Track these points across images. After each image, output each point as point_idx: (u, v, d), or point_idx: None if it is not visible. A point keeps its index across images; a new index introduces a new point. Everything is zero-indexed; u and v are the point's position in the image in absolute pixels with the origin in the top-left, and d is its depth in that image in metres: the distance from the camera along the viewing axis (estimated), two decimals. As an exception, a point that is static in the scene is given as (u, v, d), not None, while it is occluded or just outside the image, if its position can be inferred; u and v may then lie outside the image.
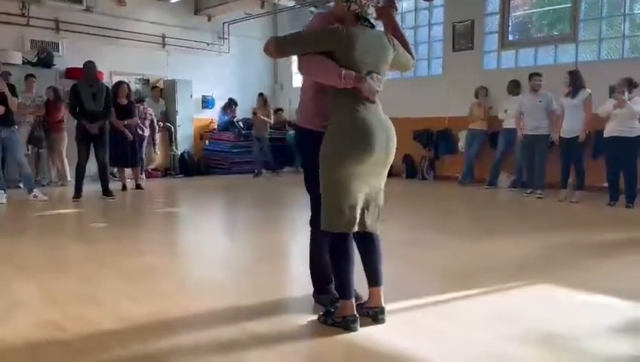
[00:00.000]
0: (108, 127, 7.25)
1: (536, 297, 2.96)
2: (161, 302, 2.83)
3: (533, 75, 7.50)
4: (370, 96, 2.31)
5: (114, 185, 7.43)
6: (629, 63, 7.60)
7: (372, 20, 2.41)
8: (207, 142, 11.37)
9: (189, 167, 10.56)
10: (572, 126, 6.74)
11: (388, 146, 2.40)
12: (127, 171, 8.26)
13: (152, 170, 10.01)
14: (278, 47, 2.38)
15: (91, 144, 6.97)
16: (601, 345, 2.30)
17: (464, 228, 5.28)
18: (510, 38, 8.99)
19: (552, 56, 8.49)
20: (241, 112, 11.66)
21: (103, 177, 7.11)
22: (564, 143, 6.85)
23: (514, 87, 8.39)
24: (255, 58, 12.12)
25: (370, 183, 2.40)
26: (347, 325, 2.36)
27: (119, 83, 8.05)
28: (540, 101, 7.34)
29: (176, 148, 10.62)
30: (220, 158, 10.98)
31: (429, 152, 9.84)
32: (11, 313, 2.67)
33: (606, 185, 6.70)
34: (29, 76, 8.29)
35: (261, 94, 10.66)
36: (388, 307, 2.53)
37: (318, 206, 2.43)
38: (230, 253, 4.26)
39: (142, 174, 9.06)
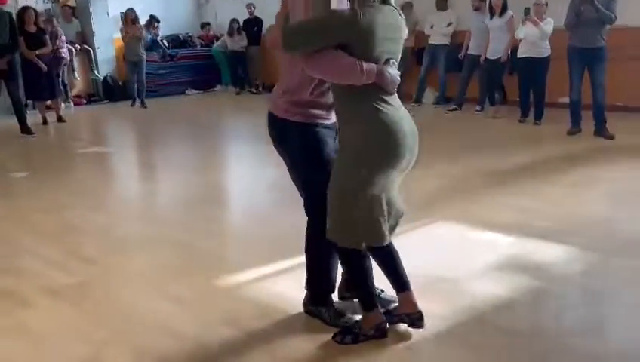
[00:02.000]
0: (18, 59, 6.82)
1: (433, 238, 3.30)
2: (88, 268, 2.96)
3: None
4: (392, 88, 1.99)
5: (33, 119, 7.13)
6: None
7: None
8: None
9: (114, 91, 10.13)
10: (497, 47, 7.04)
11: (414, 147, 2.10)
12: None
13: (75, 96, 9.57)
14: (286, 42, 1.94)
15: (1, 80, 6.58)
16: (480, 288, 2.66)
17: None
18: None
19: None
20: (168, 29, 11.09)
21: (19, 115, 6.79)
22: (490, 64, 7.15)
23: (442, 3, 8.40)
24: (175, -32, 11.39)
25: (390, 189, 2.13)
26: (383, 333, 2.18)
27: (24, 8, 7.43)
28: (484, 22, 7.49)
29: (98, 73, 10.10)
30: (147, 80, 10.59)
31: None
32: None
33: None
34: None
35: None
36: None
37: (318, 207, 2.12)
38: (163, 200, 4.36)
39: (69, 102, 8.75)
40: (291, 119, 2.12)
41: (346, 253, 2.13)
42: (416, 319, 2.18)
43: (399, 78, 2.00)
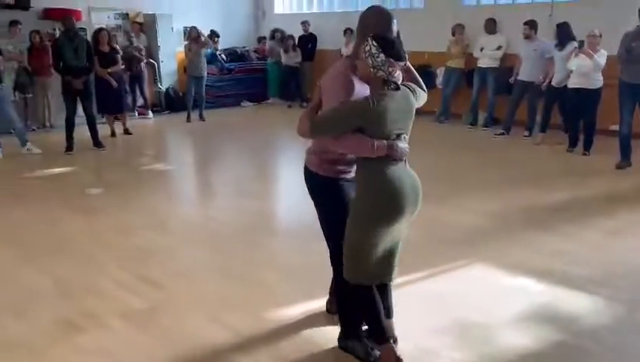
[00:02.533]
0: (92, 78, 7.44)
1: (469, 281, 3.50)
2: (156, 293, 3.36)
3: (524, 24, 7.66)
4: (402, 157, 2.40)
5: (102, 130, 7.73)
6: (604, 5, 7.68)
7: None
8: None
9: (175, 103, 10.74)
10: (562, 76, 7.09)
11: (416, 200, 2.46)
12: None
13: (139, 107, 10.23)
14: (314, 131, 2.39)
15: (77, 98, 7.20)
16: (509, 337, 2.87)
17: (428, 185, 5.69)
18: (491, -28, 8.88)
19: (530, -6, 8.49)
20: (226, 43, 11.62)
21: (93, 130, 7.42)
22: (554, 91, 7.25)
23: (491, 26, 8.51)
24: (236, -16, 11.92)
25: (395, 236, 2.49)
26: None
27: (99, 30, 8.07)
28: (535, 50, 7.56)
29: (161, 85, 10.74)
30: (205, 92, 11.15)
31: (408, 87, 10.04)
32: (29, 305, 3.21)
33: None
34: (13, 23, 8.26)
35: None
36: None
37: (339, 255, 2.53)
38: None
39: (134, 113, 9.47)
40: (321, 173, 2.58)
41: (357, 292, 2.52)
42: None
43: (408, 150, 2.41)
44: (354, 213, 2.43)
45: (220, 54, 11.25)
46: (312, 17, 11.27)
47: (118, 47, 8.45)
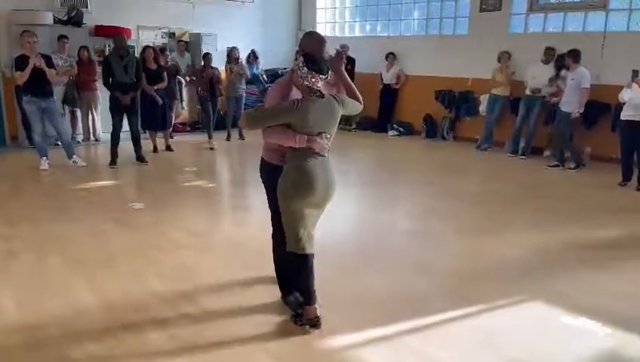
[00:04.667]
0: (138, 95, 7.58)
1: (525, 319, 3.33)
2: (206, 316, 3.31)
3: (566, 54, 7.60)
4: (321, 151, 2.94)
5: (145, 145, 7.83)
6: (615, 36, 7.50)
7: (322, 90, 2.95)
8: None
9: (216, 121, 10.83)
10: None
11: (327, 193, 3.01)
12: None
13: (180, 124, 10.38)
14: (249, 123, 2.96)
15: (124, 113, 7.34)
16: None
17: (470, 216, 5.55)
18: (539, 0, 8.75)
19: (580, 23, 8.31)
20: (268, 63, 11.76)
21: (137, 145, 7.55)
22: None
23: (548, 55, 8.26)
24: (278, 6, 12.11)
25: (312, 215, 3.06)
26: (316, 324, 3.11)
27: (145, 48, 8.25)
28: (572, 79, 7.41)
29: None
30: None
31: (450, 113, 9.95)
32: (74, 319, 3.20)
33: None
34: (61, 37, 8.51)
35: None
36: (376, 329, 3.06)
37: (276, 221, 3.21)
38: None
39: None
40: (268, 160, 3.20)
41: (294, 259, 3.08)
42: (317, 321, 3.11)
43: (328, 146, 2.96)
44: (278, 191, 3.01)
45: (261, 75, 11.37)
46: (352, 41, 11.31)
47: (165, 64, 8.62)
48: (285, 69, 11.95)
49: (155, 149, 8.38)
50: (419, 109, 10.16)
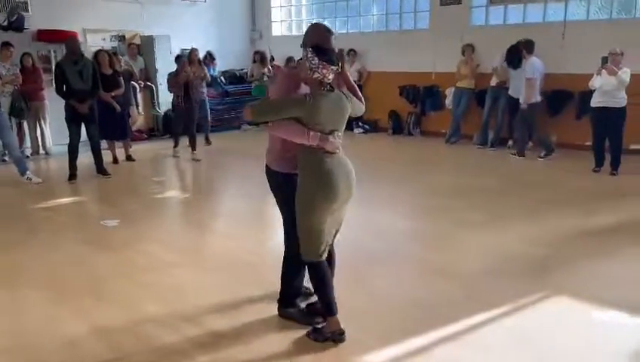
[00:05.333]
0: (96, 102, 7.04)
1: (554, 316, 3.22)
2: (205, 337, 3.00)
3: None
4: (333, 150, 2.76)
5: (104, 156, 7.27)
6: (617, 24, 7.70)
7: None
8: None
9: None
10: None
11: (350, 186, 2.83)
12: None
13: (137, 132, 9.82)
14: (254, 115, 2.72)
15: (82, 123, 6.79)
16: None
17: (462, 211, 5.45)
18: (499, -7, 8.85)
19: (541, 14, 8.46)
20: (224, 64, 11.36)
21: (97, 156, 7.01)
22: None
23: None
24: (231, 6, 11.74)
25: (335, 217, 2.88)
26: (339, 338, 2.88)
27: (99, 52, 7.67)
28: (524, 70, 7.61)
29: (159, 108, 10.36)
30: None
31: (416, 108, 9.92)
32: (70, 356, 2.81)
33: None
34: (5, 45, 7.80)
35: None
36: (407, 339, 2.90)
37: (289, 231, 2.96)
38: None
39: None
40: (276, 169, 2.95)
41: (311, 267, 2.88)
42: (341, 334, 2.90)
43: (339, 145, 2.79)
44: (298, 201, 2.78)
45: (219, 77, 10.97)
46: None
47: (120, 69, 8.08)
48: (242, 69, 11.60)
49: (116, 160, 7.84)
50: (383, 105, 10.07)
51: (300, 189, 2.79)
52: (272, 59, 11.42)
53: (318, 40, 2.81)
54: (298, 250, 2.89)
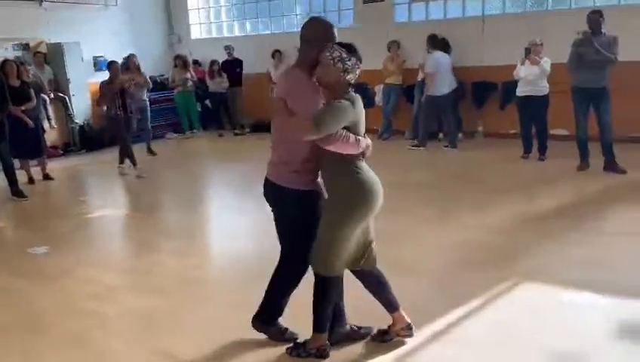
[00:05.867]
0: (5, 118, 6.34)
1: (529, 302, 3.25)
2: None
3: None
4: (367, 154, 2.58)
5: (18, 176, 6.56)
6: (531, 17, 8.11)
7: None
8: (104, 108, 10.35)
9: (92, 139, 9.64)
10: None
11: (381, 195, 2.63)
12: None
13: (50, 147, 9.01)
14: (321, 129, 2.36)
15: (-10, 141, 6.10)
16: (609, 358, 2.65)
17: (414, 208, 5.47)
18: (420, -10, 9.04)
19: (460, 10, 8.74)
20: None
21: (10, 177, 6.33)
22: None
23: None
24: (145, 9, 11.17)
25: (365, 227, 2.66)
26: (323, 354, 2.71)
27: (5, 62, 6.92)
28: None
29: (74, 120, 9.59)
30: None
31: (346, 106, 9.90)
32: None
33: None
34: None
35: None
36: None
37: (295, 254, 2.71)
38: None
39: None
40: (293, 187, 2.59)
41: (324, 281, 2.62)
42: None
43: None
44: (332, 213, 2.53)
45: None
46: (234, 41, 10.78)
47: (28, 80, 7.36)
48: (162, 75, 11.05)
49: (32, 180, 7.13)
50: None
51: (336, 201, 2.54)
52: (197, 63, 11.01)
53: (330, 37, 2.52)
54: (302, 265, 2.69)
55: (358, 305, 2.97)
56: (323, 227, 2.55)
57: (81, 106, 9.78)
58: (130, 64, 8.36)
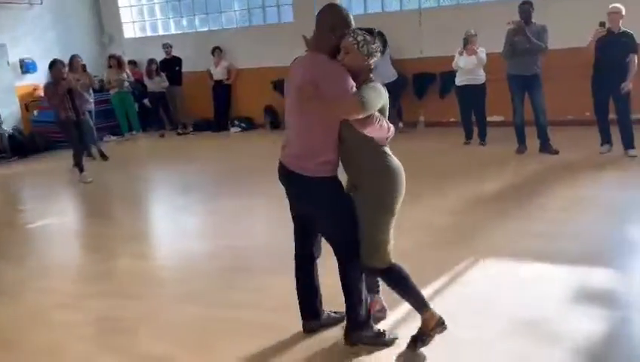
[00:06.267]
0: None
1: (491, 277, 3.45)
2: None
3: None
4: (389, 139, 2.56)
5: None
6: (462, 9, 8.51)
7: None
8: (34, 112, 9.86)
9: (24, 145, 9.13)
10: None
11: None
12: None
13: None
14: (366, 108, 2.35)
15: None
16: (571, 323, 2.88)
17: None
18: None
19: (398, 3, 9.02)
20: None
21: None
22: None
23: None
24: (73, 7, 10.68)
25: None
26: (443, 323, 2.64)
27: None
28: None
29: (2, 126, 9.03)
30: (57, 130, 9.67)
31: (290, 102, 9.95)
32: None
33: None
34: None
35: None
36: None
37: (351, 248, 2.58)
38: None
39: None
40: (319, 176, 2.54)
41: (387, 271, 2.62)
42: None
43: None
44: (369, 203, 2.51)
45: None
46: (172, 39, 10.53)
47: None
48: (96, 76, 10.58)
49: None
50: (258, 102, 9.95)
51: (374, 189, 2.51)
52: (134, 63, 10.66)
53: (351, 22, 2.52)
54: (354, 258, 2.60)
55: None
56: (366, 220, 2.53)
57: (10, 112, 9.23)
58: (74, 64, 8.08)
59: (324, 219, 2.64)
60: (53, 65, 7.04)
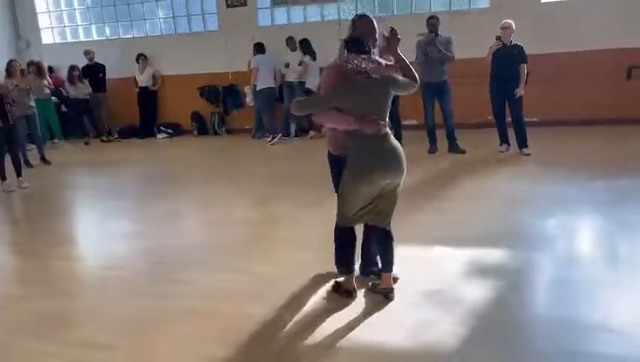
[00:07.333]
0: None
1: (406, 260, 3.87)
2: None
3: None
4: (371, 132, 2.97)
5: None
6: (379, 21, 9.09)
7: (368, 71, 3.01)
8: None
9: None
10: None
11: (397, 168, 3.07)
12: None
13: None
14: (295, 109, 3.06)
15: None
16: (470, 291, 3.39)
17: (300, 194, 6.00)
18: (282, -4, 9.63)
19: (319, 14, 9.50)
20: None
21: None
22: None
23: (292, 44, 9.20)
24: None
25: (372, 191, 3.10)
26: (351, 296, 3.30)
27: None
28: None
29: None
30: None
31: (218, 108, 10.17)
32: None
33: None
34: None
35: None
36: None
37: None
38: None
39: None
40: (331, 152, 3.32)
41: (336, 228, 3.30)
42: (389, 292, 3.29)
43: (381, 127, 2.99)
44: (343, 174, 3.10)
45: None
46: (93, 45, 10.42)
47: None
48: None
49: None
50: (184, 108, 10.09)
51: (347, 164, 3.06)
52: (51, 69, 10.42)
53: (357, 32, 3.08)
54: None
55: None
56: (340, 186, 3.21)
57: None
58: (12, 69, 7.92)
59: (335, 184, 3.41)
60: None
